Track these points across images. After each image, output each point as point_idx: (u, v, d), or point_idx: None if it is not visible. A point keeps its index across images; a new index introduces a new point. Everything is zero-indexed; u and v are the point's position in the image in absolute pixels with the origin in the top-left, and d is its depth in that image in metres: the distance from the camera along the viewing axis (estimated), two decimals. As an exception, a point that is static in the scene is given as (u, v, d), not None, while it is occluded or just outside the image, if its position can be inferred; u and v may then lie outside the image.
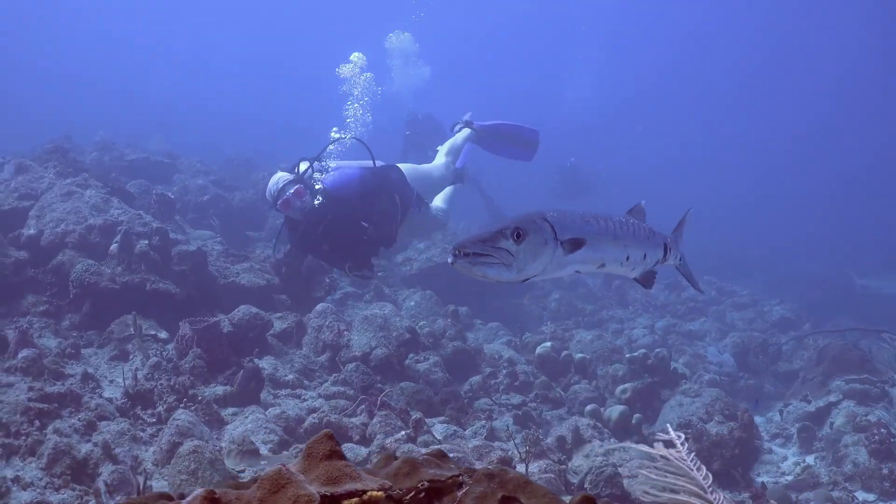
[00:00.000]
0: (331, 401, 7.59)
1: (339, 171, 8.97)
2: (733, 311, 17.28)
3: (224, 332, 8.18)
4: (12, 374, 7.21)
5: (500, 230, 3.64)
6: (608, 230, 4.29)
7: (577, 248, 3.93)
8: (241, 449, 6.17)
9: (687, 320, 15.96)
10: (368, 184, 8.89)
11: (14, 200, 10.24)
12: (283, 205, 8.58)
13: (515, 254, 3.64)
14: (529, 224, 3.73)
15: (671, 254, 5.00)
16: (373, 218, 8.83)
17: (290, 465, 2.11)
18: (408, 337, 9.29)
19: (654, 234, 4.78)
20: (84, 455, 6.02)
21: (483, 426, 7.69)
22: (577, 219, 4.08)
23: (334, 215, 8.60)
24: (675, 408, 9.35)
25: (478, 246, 3.59)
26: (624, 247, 4.43)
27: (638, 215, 4.82)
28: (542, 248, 3.77)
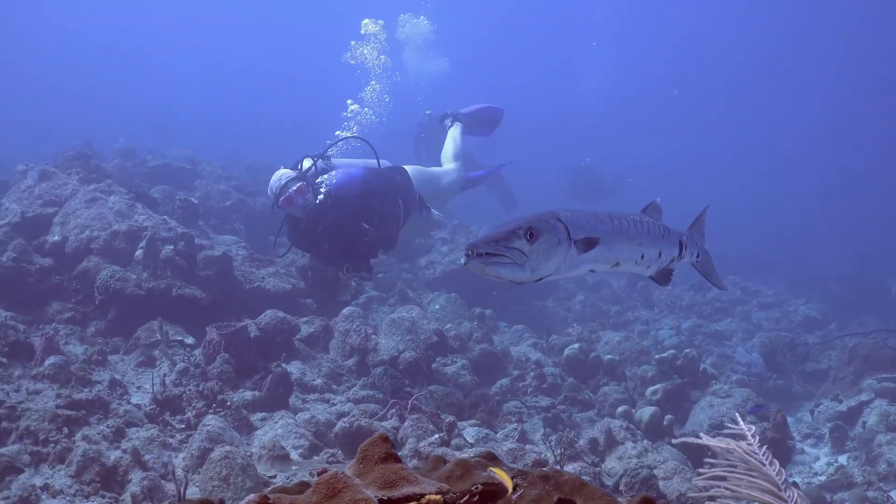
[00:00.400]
0: (360, 405, 7.51)
1: (342, 170, 8.81)
2: (759, 311, 17.12)
3: (251, 336, 8.12)
4: (39, 381, 7.17)
5: (513, 230, 3.61)
6: (622, 229, 4.25)
7: (590, 248, 3.91)
8: (272, 454, 6.10)
9: (713, 321, 15.82)
10: (371, 185, 8.74)
11: (38, 207, 10.21)
12: (286, 202, 8.46)
13: (529, 253, 3.62)
14: (542, 224, 3.71)
15: (687, 251, 4.92)
16: (374, 220, 8.71)
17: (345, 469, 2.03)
18: (435, 340, 9.21)
19: (669, 231, 4.71)
20: (113, 462, 5.97)
21: (515, 429, 7.60)
22: (590, 218, 4.05)
23: (335, 215, 8.46)
24: (706, 409, 9.25)
25: (491, 246, 3.57)
26: (639, 245, 4.38)
27: (653, 213, 4.75)
28: (556, 248, 3.74)
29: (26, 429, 6.29)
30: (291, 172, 8.62)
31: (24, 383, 7.12)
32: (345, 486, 1.90)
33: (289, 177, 8.53)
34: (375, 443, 2.15)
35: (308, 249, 9.32)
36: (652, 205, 4.81)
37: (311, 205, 8.46)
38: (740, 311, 16.89)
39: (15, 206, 10.22)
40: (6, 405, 6.53)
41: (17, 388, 7.00)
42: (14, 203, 10.33)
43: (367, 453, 2.14)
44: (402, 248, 14.65)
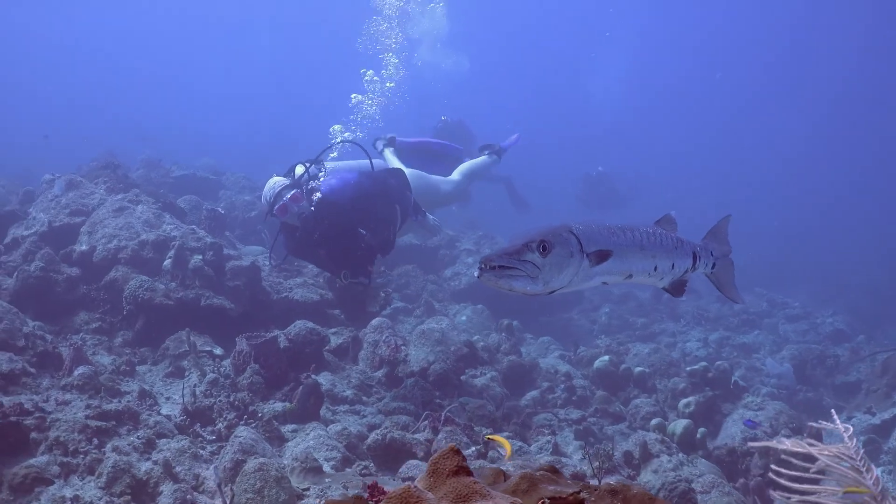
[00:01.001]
0: (391, 417, 7.40)
1: (336, 175, 8.71)
2: (786, 323, 16.97)
3: (281, 347, 8.04)
4: (68, 391, 7.12)
5: (525, 243, 3.64)
6: (634, 241, 4.27)
7: (603, 260, 3.95)
8: (305, 466, 6.01)
9: (740, 333, 15.68)
10: (365, 189, 8.63)
11: (65, 217, 10.19)
12: (280, 210, 8.34)
13: (541, 266, 3.64)
14: (555, 237, 3.74)
15: (701, 262, 4.90)
16: (369, 224, 8.59)
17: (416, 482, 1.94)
18: (466, 351, 9.12)
19: (682, 243, 4.71)
20: (144, 473, 5.89)
21: (548, 441, 7.50)
22: (602, 230, 4.07)
23: (330, 221, 8.36)
24: (738, 422, 9.09)
25: (504, 259, 3.60)
26: (651, 257, 4.39)
27: (668, 226, 4.75)
28: (568, 261, 3.77)
29: (56, 439, 6.23)
30: (285, 180, 8.51)
31: (52, 393, 7.06)
32: (417, 500, 1.81)
33: (282, 185, 8.42)
34: (447, 455, 2.06)
35: (305, 257, 9.22)
36: (666, 217, 4.82)
37: (306, 212, 8.36)
38: (767, 323, 16.76)
39: (42, 215, 10.20)
40: (35, 415, 6.47)
41: (45, 398, 6.94)
42: (41, 212, 10.30)
43: (439, 466, 2.05)
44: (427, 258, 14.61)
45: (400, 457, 6.46)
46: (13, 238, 10.04)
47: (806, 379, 12.82)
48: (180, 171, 16.10)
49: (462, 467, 2.03)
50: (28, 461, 5.98)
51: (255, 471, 5.49)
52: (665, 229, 4.67)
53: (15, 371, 7.16)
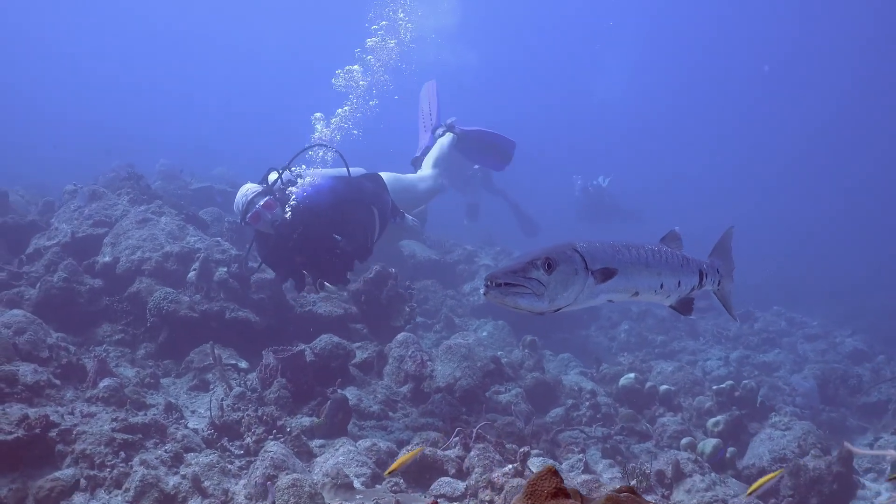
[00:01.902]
0: (420, 433, 7.30)
1: (310, 181, 8.41)
2: (804, 342, 16.83)
3: (307, 361, 7.94)
4: (93, 403, 7.05)
5: (531, 261, 3.68)
6: (640, 259, 4.28)
7: (608, 278, 3.97)
8: (335, 482, 5.92)
9: (760, 352, 15.54)
10: (340, 194, 8.36)
11: (88, 227, 10.14)
12: (253, 218, 8.04)
13: (546, 284, 3.67)
14: (560, 254, 3.77)
15: (708, 279, 4.92)
16: (345, 230, 8.33)
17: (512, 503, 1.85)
18: (492, 367, 9.02)
19: (688, 260, 4.72)
20: (172, 488, 5.81)
21: (579, 459, 7.39)
22: (607, 248, 4.09)
23: (305, 227, 8.09)
24: (766, 441, 8.97)
25: (509, 276, 3.64)
26: (657, 275, 4.41)
27: (673, 242, 4.77)
28: (573, 278, 3.79)
29: (82, 452, 6.15)
30: (258, 187, 8.23)
31: (77, 406, 6.99)
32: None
33: (255, 192, 8.13)
34: (544, 477, 1.98)
35: (278, 266, 8.72)
36: (671, 234, 4.82)
37: (280, 219, 8.07)
38: (787, 342, 16.63)
39: (65, 226, 10.15)
40: (61, 428, 6.39)
41: (70, 410, 6.87)
42: (64, 223, 10.25)
43: (537, 488, 1.96)
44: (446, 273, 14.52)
45: (431, 473, 6.36)
46: (35, 248, 9.99)
47: (828, 399, 12.69)
48: (199, 183, 16.06)
49: (560, 489, 1.94)
50: (54, 474, 5.91)
51: (288, 487, 5.41)
52: (670, 246, 4.68)
53: (40, 383, 7.08)
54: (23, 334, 7.73)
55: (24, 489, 5.88)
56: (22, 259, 9.95)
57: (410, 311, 10.13)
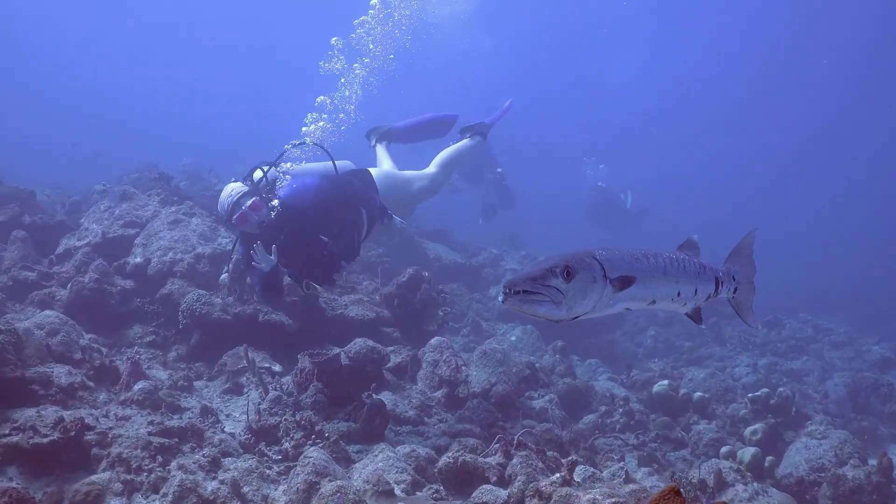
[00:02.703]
0: (458, 439, 7.18)
1: (295, 180, 8.14)
2: (831, 349, 16.71)
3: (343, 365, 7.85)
4: (128, 406, 6.98)
5: (549, 268, 3.66)
6: (658, 267, 4.28)
7: (626, 286, 3.97)
8: (377, 489, 5.80)
9: (788, 359, 15.42)
10: (326, 193, 8.06)
11: (119, 228, 10.08)
12: (239, 220, 7.74)
13: (565, 292, 3.66)
14: (578, 262, 3.76)
15: (724, 287, 4.90)
16: (332, 231, 8.04)
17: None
18: (528, 373, 8.94)
19: (705, 268, 4.70)
20: (210, 493, 5.72)
21: (621, 468, 7.26)
22: (626, 256, 4.09)
23: (290, 228, 7.85)
24: (802, 450, 8.83)
25: (528, 284, 3.62)
26: (675, 283, 4.40)
27: (690, 250, 4.77)
28: (592, 286, 3.78)
29: (118, 456, 6.08)
30: (243, 187, 7.94)
31: (112, 408, 6.92)
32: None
33: (240, 192, 7.83)
34: (667, 496, 1.87)
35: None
36: (689, 242, 4.81)
37: (266, 220, 7.81)
38: (814, 349, 16.50)
39: (95, 226, 10.09)
40: (96, 431, 6.33)
41: (105, 413, 6.81)
42: (94, 223, 10.20)
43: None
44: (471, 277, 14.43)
45: (472, 481, 6.24)
46: (65, 248, 9.94)
47: (859, 407, 12.57)
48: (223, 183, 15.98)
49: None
50: (89, 478, 5.84)
51: (332, 494, 5.32)
52: (688, 254, 4.67)
53: (74, 385, 7.02)
54: (56, 335, 7.67)
55: (60, 493, 5.81)
56: (52, 259, 9.89)
57: (444, 315, 10.02)
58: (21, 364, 6.81)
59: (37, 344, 7.30)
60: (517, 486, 5.95)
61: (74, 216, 11.56)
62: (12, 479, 5.90)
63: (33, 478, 5.99)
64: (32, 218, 10.69)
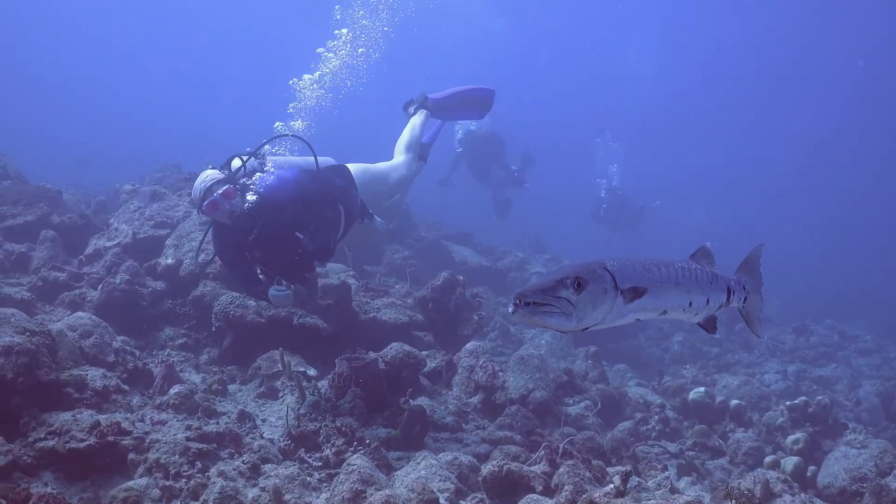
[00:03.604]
0: (501, 447, 7.04)
1: (274, 172, 7.74)
2: (858, 356, 16.58)
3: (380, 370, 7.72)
4: (164, 410, 6.87)
5: (560, 279, 3.62)
6: (669, 277, 4.22)
7: (638, 297, 3.93)
8: (422, 498, 5.67)
9: (817, 366, 15.26)
10: (305, 189, 7.70)
11: (150, 229, 9.99)
12: (210, 207, 7.33)
13: (575, 303, 3.62)
14: (589, 273, 3.72)
15: (735, 296, 4.83)
16: (308, 228, 7.66)
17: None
18: (565, 379, 8.80)
19: (717, 278, 4.64)
20: (251, 501, 5.62)
21: (666, 477, 7.13)
22: (637, 266, 4.05)
23: (266, 222, 7.46)
24: (841, 459, 8.67)
25: (538, 295, 3.57)
26: (687, 293, 4.34)
27: (704, 258, 4.70)
28: (602, 297, 3.74)
29: (156, 461, 5.98)
30: (218, 174, 7.55)
31: (147, 412, 6.82)
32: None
33: (214, 179, 7.44)
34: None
35: (232, 261, 8.02)
36: (702, 249, 4.74)
37: (239, 210, 7.40)
38: (842, 356, 16.34)
39: (125, 226, 10.00)
40: (133, 435, 6.22)
41: (140, 417, 6.71)
42: (124, 224, 10.11)
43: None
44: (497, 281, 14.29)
45: (516, 490, 6.11)
46: (95, 249, 9.86)
47: (892, 415, 12.42)
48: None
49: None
50: (126, 484, 5.73)
51: (382, 503, 5.19)
52: (701, 262, 4.62)
53: (108, 388, 6.92)
54: (89, 337, 7.57)
55: (96, 499, 5.72)
56: (81, 260, 9.82)
57: (479, 320, 9.89)
58: (55, 367, 6.72)
59: (70, 346, 7.20)
60: (564, 495, 5.82)
61: (101, 216, 11.47)
62: (47, 484, 5.81)
63: (68, 483, 5.92)
64: (61, 218, 10.61)
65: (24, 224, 10.34)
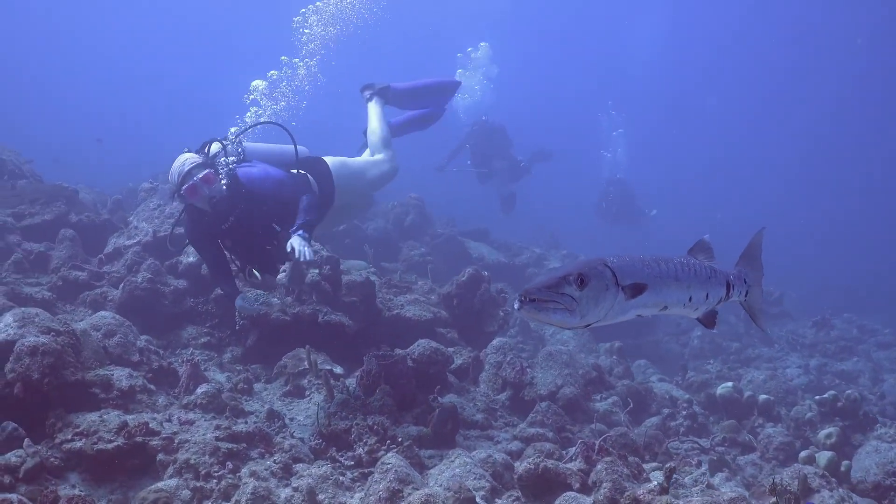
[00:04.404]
0: (532, 444, 6.91)
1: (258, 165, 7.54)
2: (878, 350, 16.43)
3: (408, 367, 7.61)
4: (191, 410, 6.78)
5: (563, 276, 3.66)
6: (669, 273, 4.24)
7: (638, 293, 3.96)
8: (458, 497, 5.56)
9: (838, 360, 15.13)
10: (288, 189, 7.46)
11: (170, 226, 9.87)
12: (189, 191, 7.04)
13: (579, 300, 3.66)
14: (591, 270, 3.76)
15: (735, 290, 4.83)
16: (286, 222, 7.33)
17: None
18: (594, 375, 8.70)
19: (716, 272, 4.62)
20: (284, 501, 5.52)
21: (702, 474, 7.03)
22: (637, 263, 4.07)
23: (244, 212, 7.24)
24: (872, 454, 8.54)
25: (543, 292, 3.61)
26: (686, 288, 4.36)
27: (703, 251, 4.69)
28: (604, 294, 3.78)
29: (185, 462, 5.89)
30: (196, 157, 7.26)
31: (174, 412, 6.73)
32: None
33: (193, 162, 7.15)
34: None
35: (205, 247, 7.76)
36: (700, 243, 4.73)
37: (219, 196, 7.14)
38: (862, 350, 16.20)
39: (145, 224, 9.90)
40: (162, 436, 6.14)
41: (167, 417, 6.62)
42: (144, 222, 10.01)
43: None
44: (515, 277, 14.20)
45: (553, 488, 6.00)
46: (115, 247, 9.76)
47: (917, 410, 12.30)
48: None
49: None
50: (156, 485, 5.63)
51: (421, 502, 5.09)
52: (700, 256, 4.63)
53: (135, 388, 6.83)
54: (113, 337, 7.49)
55: (125, 500, 5.66)
56: (101, 258, 9.72)
57: (504, 316, 9.78)
58: (80, 367, 6.63)
59: (94, 346, 7.12)
60: (603, 492, 5.70)
61: (118, 214, 11.38)
62: (74, 485, 5.74)
63: (96, 484, 5.84)
64: (79, 216, 10.52)
65: (41, 223, 10.26)
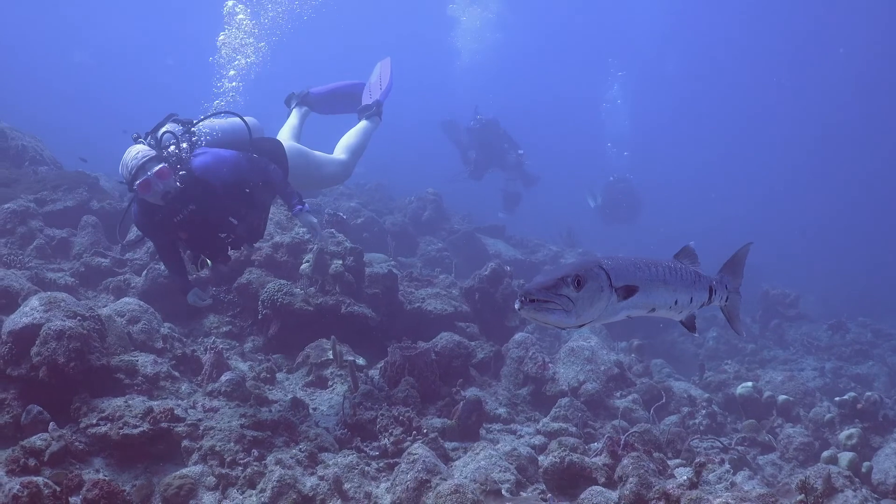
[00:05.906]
0: (557, 439, 6.89)
1: (210, 151, 7.16)
2: (892, 354, 16.34)
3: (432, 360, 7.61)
4: (215, 397, 6.78)
5: (561, 277, 3.69)
6: (658, 276, 4.35)
7: (630, 295, 4.05)
8: (484, 489, 5.56)
9: (853, 363, 15.07)
10: (243, 174, 7.09)
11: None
12: (143, 187, 6.59)
13: (575, 300, 3.70)
14: (587, 271, 3.81)
15: (716, 296, 4.93)
16: (241, 212, 7.14)
17: None
18: (616, 372, 8.66)
19: (700, 277, 4.75)
20: (310, 489, 5.55)
21: (727, 471, 7.01)
22: (629, 266, 4.16)
23: (199, 204, 6.90)
24: (891, 456, 8.52)
25: (543, 293, 3.63)
26: (673, 291, 4.46)
27: (688, 257, 4.79)
28: (599, 295, 3.84)
29: (210, 449, 5.92)
30: (149, 150, 6.82)
31: (198, 399, 6.75)
32: None
33: (146, 156, 6.72)
34: None
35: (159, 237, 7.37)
36: (686, 249, 4.82)
37: (173, 190, 6.73)
38: (878, 353, 16.14)
39: (168, 213, 9.90)
40: (187, 422, 6.15)
41: (192, 404, 6.62)
42: (167, 210, 10.00)
43: None
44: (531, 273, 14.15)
45: (578, 482, 6.00)
46: (137, 235, 9.73)
47: (934, 414, 12.25)
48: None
49: None
50: (181, 471, 5.67)
51: (450, 493, 5.11)
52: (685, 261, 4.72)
53: (159, 374, 6.85)
54: (137, 323, 7.51)
55: (149, 486, 5.65)
56: (124, 245, 9.71)
57: (525, 314, 9.74)
58: (106, 352, 6.64)
59: (119, 331, 7.13)
60: (629, 487, 5.70)
61: (138, 203, 11.37)
62: (98, 470, 5.75)
63: (120, 469, 5.85)
64: (101, 203, 10.52)
65: (64, 209, 10.27)
